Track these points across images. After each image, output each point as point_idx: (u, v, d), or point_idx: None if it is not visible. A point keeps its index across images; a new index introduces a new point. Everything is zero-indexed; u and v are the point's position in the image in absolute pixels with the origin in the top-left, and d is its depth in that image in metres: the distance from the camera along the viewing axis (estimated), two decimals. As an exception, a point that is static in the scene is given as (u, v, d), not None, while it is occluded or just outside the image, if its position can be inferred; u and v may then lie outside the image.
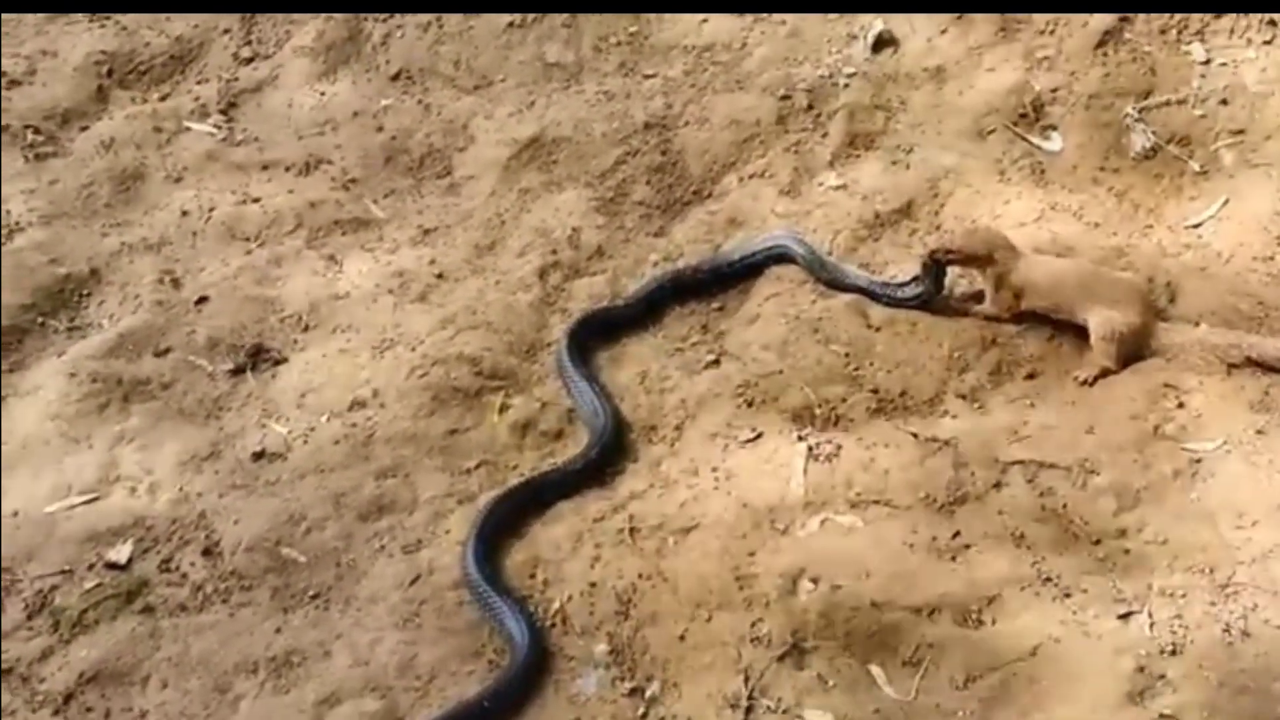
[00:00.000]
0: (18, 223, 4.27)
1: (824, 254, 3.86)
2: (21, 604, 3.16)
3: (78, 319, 3.97)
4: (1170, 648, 2.87)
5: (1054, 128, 4.17)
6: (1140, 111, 4.12)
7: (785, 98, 4.40)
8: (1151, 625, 2.91)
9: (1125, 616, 2.94)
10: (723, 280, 3.90)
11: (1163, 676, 2.82)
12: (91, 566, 3.23)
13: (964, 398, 3.48)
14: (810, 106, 4.37)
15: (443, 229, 4.22)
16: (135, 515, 3.34)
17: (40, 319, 3.94)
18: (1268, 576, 2.97)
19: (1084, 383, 3.49)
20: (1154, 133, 4.07)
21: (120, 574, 3.21)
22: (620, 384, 3.66)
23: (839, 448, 3.33)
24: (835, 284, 3.78)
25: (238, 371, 3.75)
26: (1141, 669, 2.83)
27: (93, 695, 2.96)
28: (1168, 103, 4.13)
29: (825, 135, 4.27)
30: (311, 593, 3.16)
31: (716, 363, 3.67)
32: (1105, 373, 3.49)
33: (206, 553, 3.25)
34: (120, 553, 3.26)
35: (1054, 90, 4.23)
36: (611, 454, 3.44)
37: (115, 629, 3.09)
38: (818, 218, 4.01)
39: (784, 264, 3.85)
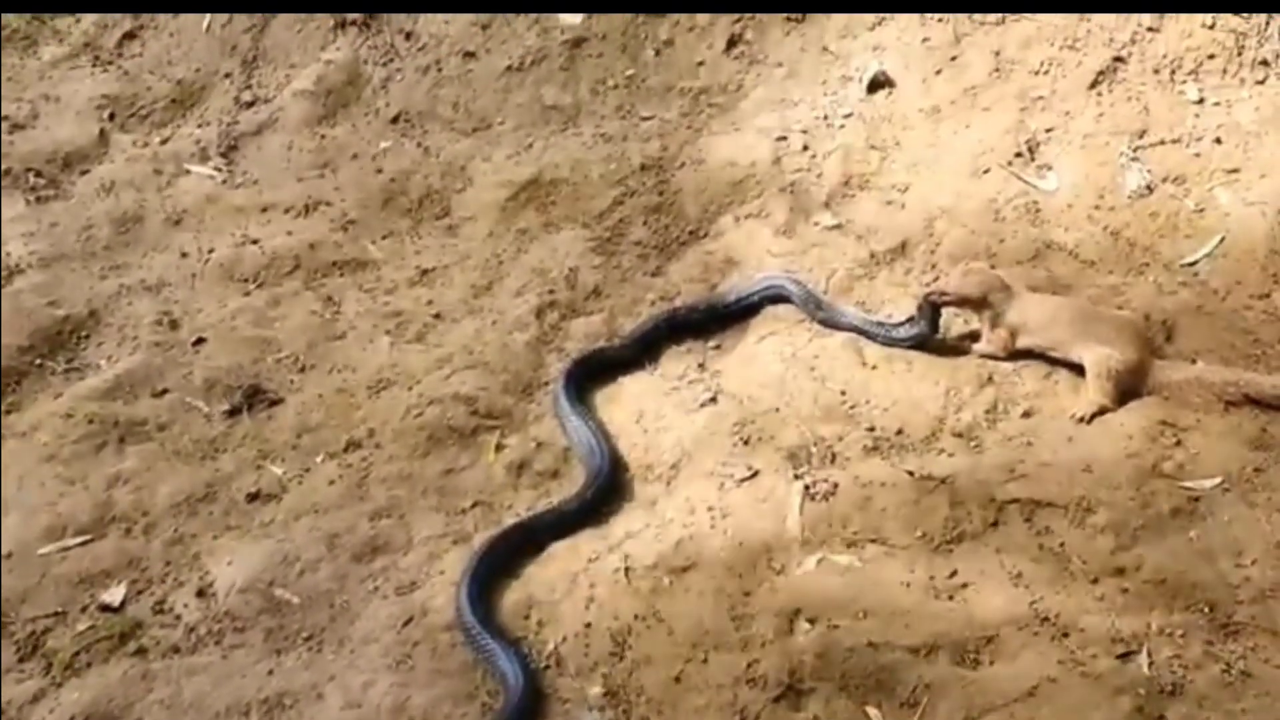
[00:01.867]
0: (17, 265, 4.30)
1: (819, 294, 3.86)
2: (14, 646, 3.15)
3: (76, 360, 3.98)
4: (1170, 688, 2.84)
5: (1049, 167, 4.18)
6: (1135, 150, 4.14)
7: (781, 139, 4.43)
8: (1151, 665, 2.88)
9: (1124, 656, 2.91)
10: (719, 320, 3.91)
11: (1162, 717, 2.79)
12: (85, 608, 3.22)
13: (960, 436, 3.47)
14: (806, 147, 4.40)
15: (440, 269, 4.24)
16: (130, 556, 3.33)
17: (38, 360, 3.95)
18: (1268, 616, 2.95)
19: (1080, 420, 3.48)
20: (1149, 171, 4.09)
21: (114, 616, 3.20)
22: (616, 423, 3.66)
23: (835, 486, 3.32)
24: (831, 323, 3.78)
25: (234, 412, 3.75)
26: (1141, 709, 2.80)
27: (83, 739, 2.94)
28: (1162, 142, 4.15)
29: (820, 175, 4.29)
30: (305, 634, 3.14)
31: (713, 401, 3.67)
32: (1102, 410, 3.48)
33: (200, 594, 3.23)
34: (114, 594, 3.24)
35: (1049, 130, 4.25)
36: (607, 494, 3.43)
37: (107, 671, 3.07)
38: (814, 257, 4.02)
39: (780, 304, 3.85)
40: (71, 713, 2.98)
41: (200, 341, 3.98)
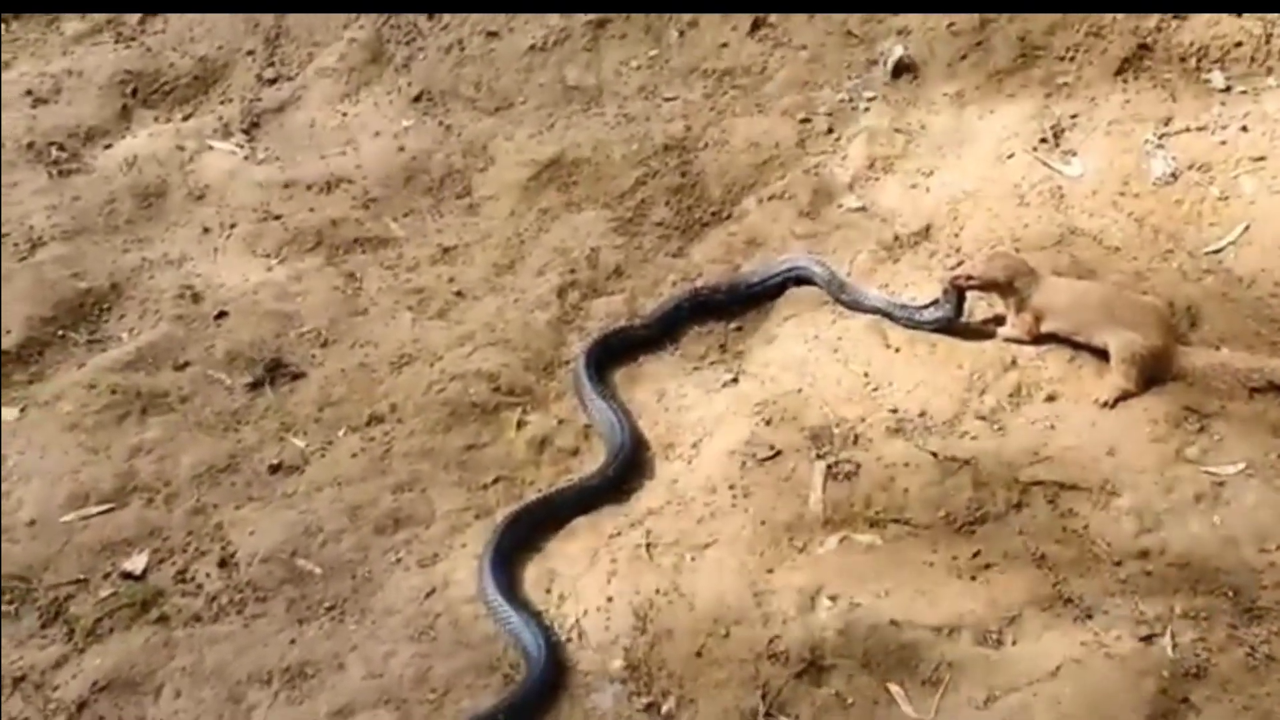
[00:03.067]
0: (40, 237, 4.31)
1: (843, 276, 3.85)
2: (36, 612, 3.16)
3: (98, 332, 3.99)
4: (1194, 670, 2.83)
5: (1074, 153, 4.17)
6: (1160, 138, 4.12)
7: (805, 121, 4.42)
8: (1174, 648, 2.87)
9: (1148, 639, 2.90)
10: (742, 301, 3.90)
11: (1186, 699, 2.78)
12: (107, 576, 3.23)
13: (983, 419, 3.46)
14: (830, 130, 4.39)
15: (462, 247, 4.24)
16: (152, 525, 3.34)
17: (61, 331, 3.96)
18: (1292, 600, 2.94)
19: (1104, 405, 3.46)
20: (1174, 159, 4.07)
21: (135, 584, 3.21)
22: (637, 402, 3.66)
23: (858, 466, 3.32)
24: (855, 305, 3.77)
25: (256, 385, 3.76)
26: (1164, 691, 2.79)
27: (105, 704, 2.95)
28: (1188, 129, 4.13)
29: (845, 158, 4.29)
30: (327, 604, 3.14)
31: (735, 381, 3.66)
32: (1125, 395, 3.46)
33: (222, 564, 3.24)
34: (136, 563, 3.25)
35: (1074, 116, 4.24)
36: (629, 471, 3.43)
37: (129, 638, 3.08)
38: (837, 239, 4.01)
39: (803, 285, 3.85)
40: (94, 678, 2.99)
41: (222, 315, 3.99)
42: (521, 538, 3.24)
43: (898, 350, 3.64)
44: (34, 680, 3.00)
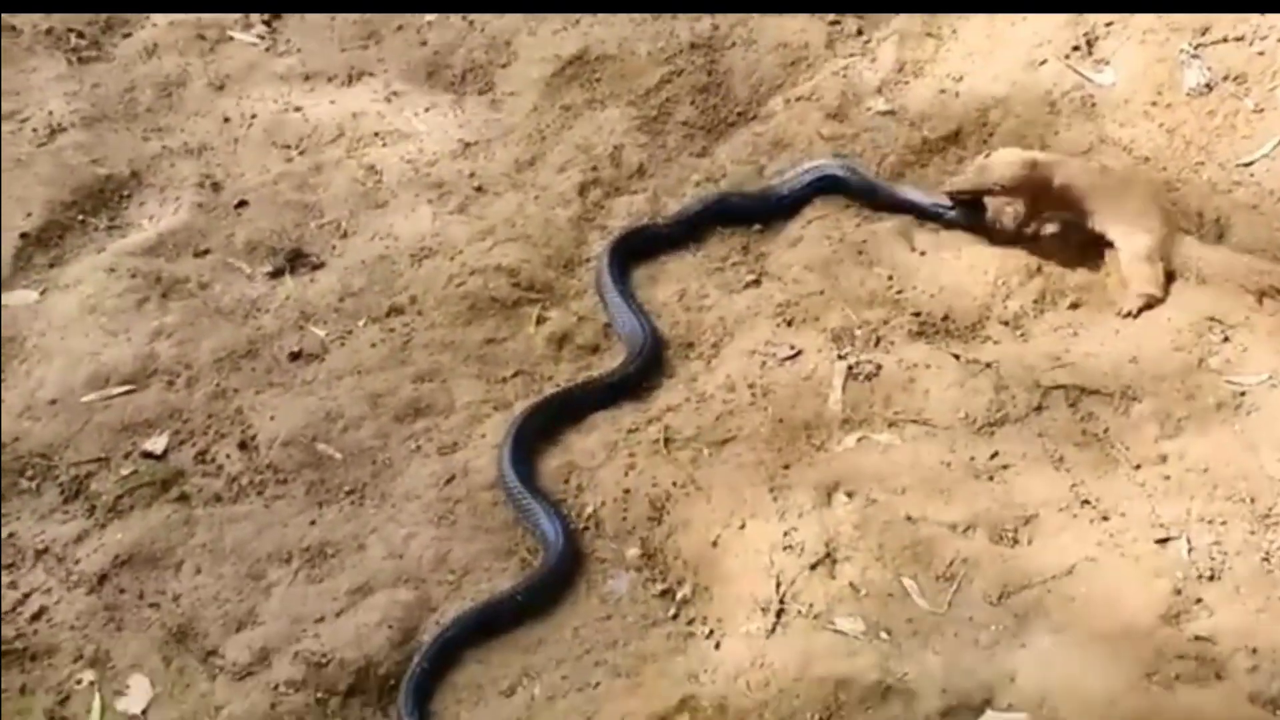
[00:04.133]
0: (60, 123, 4.26)
1: (875, 178, 3.80)
2: (58, 489, 3.18)
3: (118, 219, 3.97)
4: (1209, 573, 2.84)
5: (1107, 61, 4.09)
6: (1196, 48, 4.04)
7: (834, 22, 4.35)
8: (1190, 550, 2.88)
9: (1164, 541, 2.91)
10: (771, 212, 3.83)
11: (1200, 600, 2.80)
12: (128, 455, 3.24)
13: (1006, 324, 3.44)
14: (860, 32, 4.32)
15: (483, 143, 4.20)
16: (172, 408, 3.35)
17: (81, 217, 3.94)
18: (1309, 508, 2.94)
19: (1128, 315, 3.44)
20: (1209, 69, 3.99)
21: (156, 463, 3.22)
22: (658, 301, 3.64)
23: (879, 367, 3.31)
24: (889, 204, 3.72)
25: (276, 274, 3.75)
26: (1179, 592, 2.81)
27: (127, 577, 2.98)
28: (1225, 40, 4.05)
29: (874, 60, 4.22)
30: (347, 488, 3.16)
31: (757, 282, 3.65)
32: (1149, 304, 3.44)
33: (242, 446, 3.25)
34: (156, 443, 3.27)
35: (1108, 24, 4.15)
36: (650, 370, 3.41)
37: (150, 515, 3.10)
38: (864, 142, 3.96)
39: (835, 193, 3.79)
40: (115, 552, 3.02)
41: (242, 204, 3.96)
42: (542, 428, 3.24)
43: (923, 254, 3.61)
44: (56, 553, 3.03)
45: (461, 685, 2.75)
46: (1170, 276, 3.49)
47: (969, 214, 3.63)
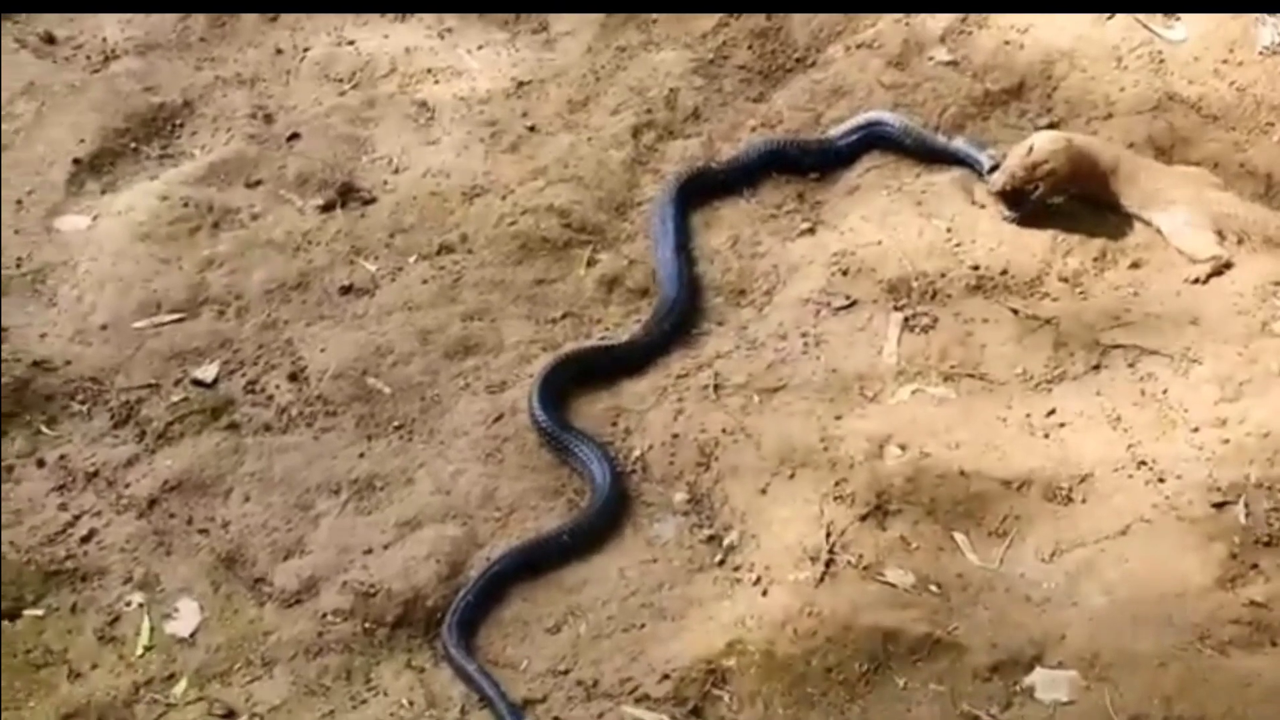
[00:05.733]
0: (113, 50, 4.26)
1: (933, 136, 3.74)
2: (108, 413, 3.19)
3: (170, 147, 3.96)
4: (1265, 539, 2.80)
5: (1178, 17, 3.99)
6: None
7: (899, -32, 4.26)
8: (1248, 515, 2.84)
9: (1220, 505, 2.86)
10: (830, 163, 3.77)
11: (1255, 566, 2.76)
12: (178, 382, 3.25)
13: (1066, 281, 3.38)
14: (924, -21, 4.23)
15: (536, 83, 4.15)
16: (222, 337, 3.35)
17: (133, 144, 3.94)
18: (1371, 477, 2.89)
19: (1196, 281, 3.36)
20: (1284, 28, 3.89)
21: (206, 391, 3.23)
22: (710, 247, 3.60)
23: (935, 320, 3.27)
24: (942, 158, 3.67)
25: (327, 208, 3.73)
26: (1234, 556, 2.77)
27: (176, 503, 2.99)
28: (1301, -2, 3.94)
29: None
30: (395, 423, 3.16)
31: (812, 231, 3.60)
32: (1219, 268, 3.36)
33: (293, 377, 3.25)
34: (207, 371, 3.27)
35: (1181, -22, 4.05)
36: (680, 332, 3.35)
37: (200, 443, 3.11)
38: (925, 92, 3.88)
39: (892, 145, 3.73)
40: (165, 478, 3.03)
41: (294, 137, 3.94)
42: (569, 384, 3.20)
43: (983, 207, 3.55)
44: (106, 477, 3.05)
45: (508, 621, 2.76)
46: (1220, 238, 3.41)
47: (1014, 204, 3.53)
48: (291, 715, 2.61)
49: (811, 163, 3.76)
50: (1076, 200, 3.52)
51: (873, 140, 3.76)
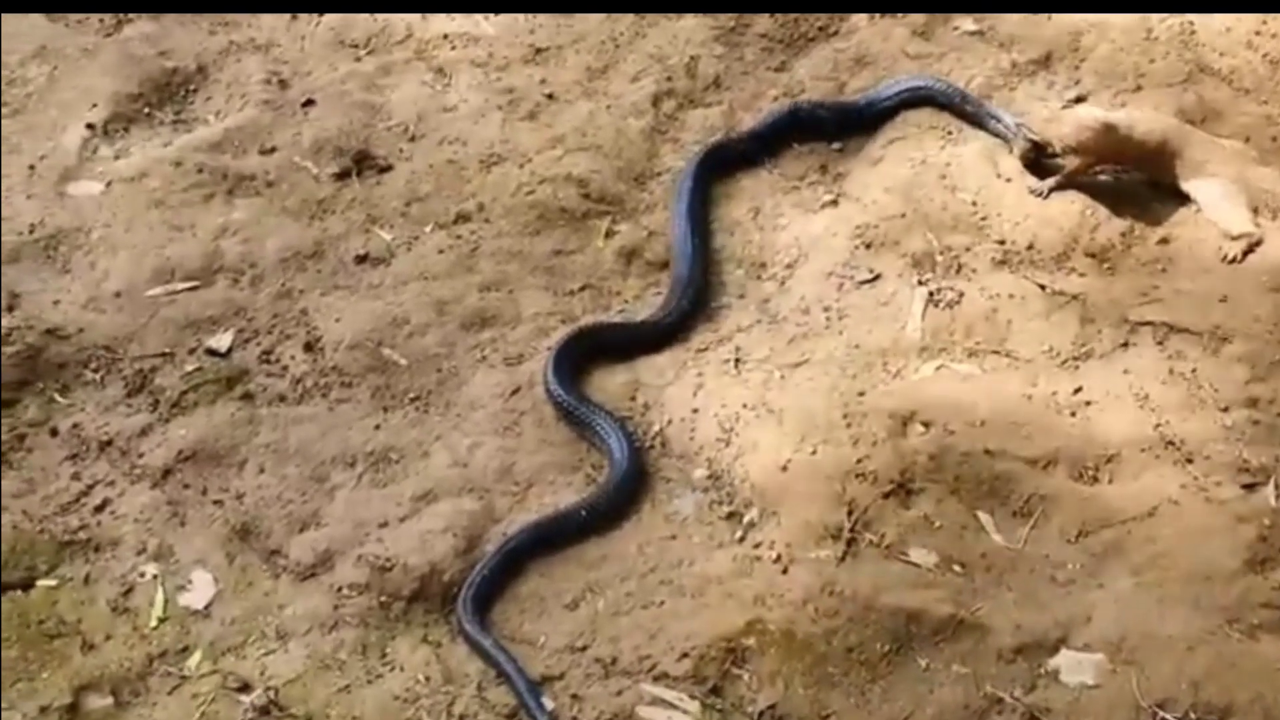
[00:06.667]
0: (126, 14, 4.19)
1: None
2: (121, 382, 3.16)
3: (184, 113, 3.91)
4: (1296, 521, 2.76)
5: (1210, -13, 3.91)
6: (1306, -24, 3.85)
7: (925, -64, 4.18)
8: (1278, 497, 2.79)
9: (1250, 487, 2.83)
10: (853, 123, 3.71)
11: (1284, 548, 2.72)
12: (192, 351, 3.22)
13: (1093, 256, 3.32)
14: (951, -53, 4.15)
15: (554, 50, 4.08)
16: (237, 305, 3.32)
17: (147, 109, 3.88)
18: (1405, 460, 2.84)
19: (1231, 260, 3.30)
20: (1319, -1, 3.81)
21: (220, 360, 3.20)
22: (731, 219, 3.55)
23: (960, 295, 3.22)
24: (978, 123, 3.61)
25: (343, 175, 3.68)
26: (1264, 539, 2.73)
27: (190, 473, 2.96)
28: (1337, -31, 3.86)
29: (965, -24, 4.05)
30: (411, 395, 3.12)
31: (834, 203, 3.54)
32: (1251, 245, 3.30)
33: (308, 348, 3.22)
34: (221, 340, 3.24)
35: (1214, -52, 3.96)
36: (691, 317, 3.29)
37: (214, 412, 3.08)
38: (951, 61, 3.81)
39: (923, 106, 3.66)
40: (179, 447, 3.00)
41: (310, 103, 3.88)
42: (581, 359, 3.16)
43: (1009, 180, 3.49)
44: (119, 446, 3.02)
45: (525, 596, 2.73)
46: (1256, 212, 3.35)
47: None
48: (306, 689, 2.59)
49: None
50: (1114, 175, 3.45)
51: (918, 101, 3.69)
